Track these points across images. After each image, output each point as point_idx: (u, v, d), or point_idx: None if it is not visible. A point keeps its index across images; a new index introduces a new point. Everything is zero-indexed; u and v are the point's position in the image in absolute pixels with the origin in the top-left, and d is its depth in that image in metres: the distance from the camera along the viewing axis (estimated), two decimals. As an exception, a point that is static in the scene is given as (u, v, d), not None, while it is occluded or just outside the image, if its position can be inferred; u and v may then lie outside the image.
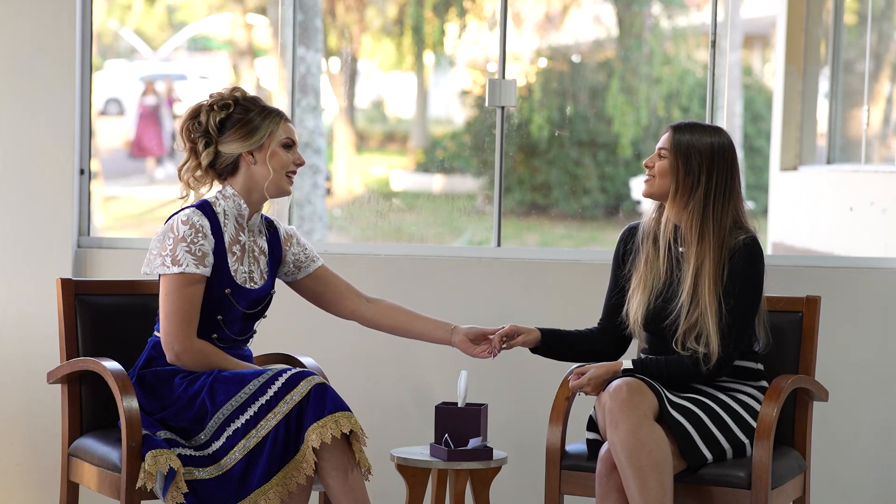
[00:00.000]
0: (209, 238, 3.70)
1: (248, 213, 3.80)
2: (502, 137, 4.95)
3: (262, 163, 3.77)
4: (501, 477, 4.23)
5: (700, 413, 3.73)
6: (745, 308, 3.78)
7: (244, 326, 3.81)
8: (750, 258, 3.79)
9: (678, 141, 3.86)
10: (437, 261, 4.94)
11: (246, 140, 3.76)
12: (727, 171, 3.84)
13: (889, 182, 7.67)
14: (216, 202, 3.77)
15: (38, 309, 4.80)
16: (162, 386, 3.69)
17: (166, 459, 3.51)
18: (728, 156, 3.85)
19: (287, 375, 3.58)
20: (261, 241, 3.86)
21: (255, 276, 3.80)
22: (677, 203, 3.85)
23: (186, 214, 3.70)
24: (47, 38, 4.83)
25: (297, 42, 5.12)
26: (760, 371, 3.90)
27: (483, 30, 12.27)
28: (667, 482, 3.60)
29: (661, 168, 3.87)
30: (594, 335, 4.03)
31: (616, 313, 3.98)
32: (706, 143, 3.84)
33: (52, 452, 4.72)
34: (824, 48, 9.65)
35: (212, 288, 3.71)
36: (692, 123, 3.91)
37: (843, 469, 4.84)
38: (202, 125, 3.77)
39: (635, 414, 3.62)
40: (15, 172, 4.84)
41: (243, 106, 3.79)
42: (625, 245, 4.00)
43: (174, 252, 3.66)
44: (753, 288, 3.80)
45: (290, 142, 3.81)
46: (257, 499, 3.52)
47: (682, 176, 3.84)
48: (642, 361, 3.80)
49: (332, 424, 3.52)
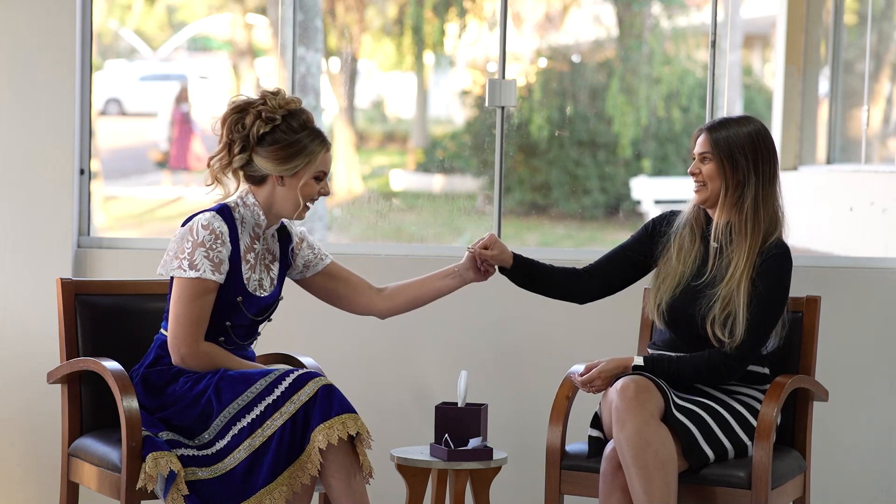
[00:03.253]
0: (227, 245, 3.66)
1: (266, 224, 3.77)
2: (502, 137, 4.95)
3: (288, 188, 3.70)
4: (501, 477, 4.23)
5: (703, 414, 3.73)
6: (770, 315, 3.77)
7: (250, 331, 3.80)
8: (782, 265, 3.77)
9: (717, 140, 3.82)
10: (437, 261, 4.93)
11: (281, 164, 3.67)
12: (769, 158, 3.82)
13: (889, 182, 7.67)
14: (236, 208, 3.72)
15: (38, 309, 4.80)
16: (166, 384, 3.68)
17: (167, 462, 3.51)
18: (768, 142, 3.83)
19: (294, 376, 3.57)
20: (273, 246, 3.83)
21: (265, 283, 3.78)
22: (728, 201, 3.82)
23: (207, 219, 3.65)
24: (47, 38, 4.83)
25: (297, 42, 5.12)
26: (766, 375, 3.90)
27: (483, 30, 12.27)
28: (671, 482, 3.59)
29: (708, 172, 3.82)
30: (574, 274, 4.00)
31: (614, 265, 3.97)
32: (744, 135, 3.81)
33: (52, 452, 4.72)
34: (824, 48, 9.65)
35: (224, 295, 3.68)
36: (723, 120, 3.86)
37: (843, 469, 4.84)
38: (245, 128, 3.68)
39: (642, 413, 3.61)
40: (15, 172, 4.84)
41: (289, 125, 3.68)
42: (658, 226, 3.96)
43: (192, 256, 3.62)
44: (781, 296, 3.78)
45: (323, 174, 3.73)
46: (262, 499, 3.51)
47: (731, 174, 3.81)
48: (654, 359, 3.79)
49: (338, 426, 3.51)
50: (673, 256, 3.88)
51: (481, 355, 4.87)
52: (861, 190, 8.22)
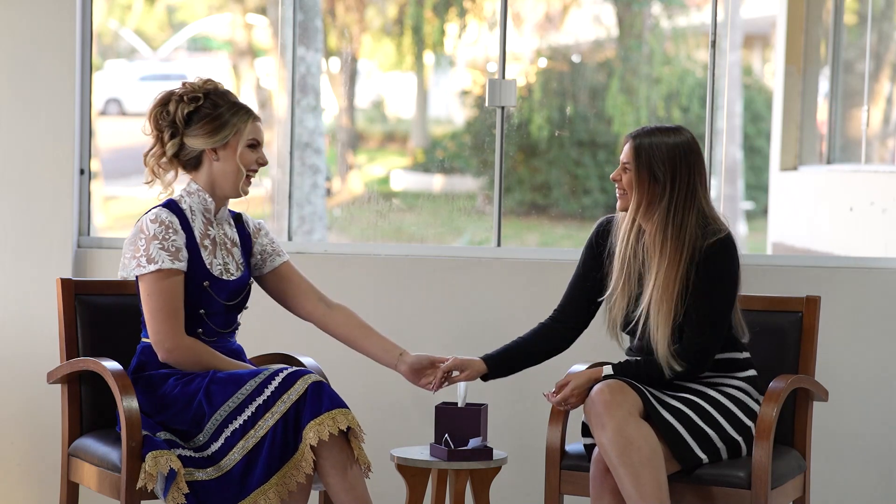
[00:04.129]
0: (180, 233, 3.71)
1: (215, 207, 3.81)
2: (502, 137, 4.95)
3: (224, 160, 3.77)
4: (501, 477, 4.23)
5: (690, 413, 3.72)
6: (718, 305, 3.75)
7: (227, 319, 3.81)
8: (720, 256, 3.74)
9: (638, 150, 3.79)
10: (437, 261, 4.94)
11: (211, 136, 3.75)
12: (689, 172, 3.78)
13: (889, 182, 7.68)
14: (181, 199, 3.78)
15: (38, 309, 4.80)
16: (156, 389, 3.69)
17: (167, 460, 3.51)
18: (690, 156, 3.78)
19: (284, 374, 3.58)
20: (231, 232, 3.87)
21: (230, 267, 3.81)
22: (643, 213, 3.81)
23: (154, 213, 3.71)
24: (47, 38, 4.83)
25: (297, 42, 5.12)
26: (747, 360, 3.88)
27: (483, 30, 12.27)
28: (660, 476, 3.59)
29: (628, 181, 3.82)
30: (546, 332, 3.99)
31: (578, 302, 3.96)
32: (666, 147, 3.77)
33: (52, 452, 4.72)
34: (824, 48, 9.65)
35: (190, 282, 3.72)
36: (651, 129, 3.82)
37: (843, 469, 4.84)
38: (170, 115, 3.77)
39: (619, 412, 3.62)
40: (15, 172, 4.84)
41: (213, 101, 3.77)
42: (599, 237, 3.95)
43: (148, 251, 3.67)
44: (728, 284, 3.76)
45: (256, 142, 3.80)
46: (257, 499, 3.52)
47: (648, 187, 3.79)
48: (621, 365, 3.79)
49: (329, 422, 3.52)
50: (617, 268, 3.86)
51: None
52: (861, 190, 8.22)
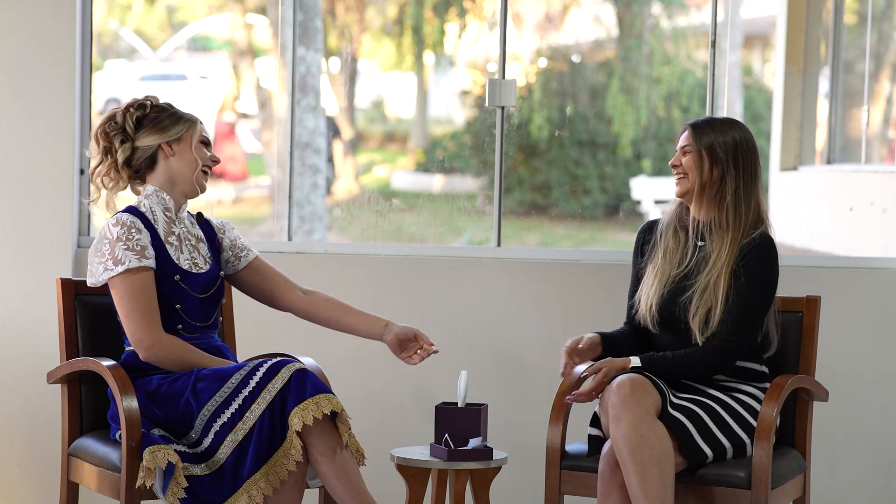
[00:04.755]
0: (144, 232, 3.74)
1: (175, 205, 3.84)
2: (502, 137, 4.95)
3: (180, 154, 3.82)
4: (501, 477, 4.23)
5: (700, 412, 3.73)
6: (756, 304, 3.79)
7: (204, 312, 3.83)
8: (765, 256, 3.80)
9: (700, 136, 3.86)
10: (437, 261, 4.94)
11: (164, 132, 3.81)
12: (751, 155, 3.86)
13: (889, 182, 7.68)
14: (140, 203, 3.82)
15: (38, 309, 4.80)
16: (144, 389, 3.70)
17: (164, 454, 3.52)
18: (751, 142, 3.87)
19: (268, 365, 3.61)
20: (194, 230, 3.90)
21: (199, 261, 3.84)
22: (705, 197, 3.86)
23: (115, 218, 3.75)
24: (47, 38, 4.83)
25: (297, 42, 5.12)
26: (764, 374, 3.90)
27: (483, 30, 12.28)
28: (668, 478, 3.60)
29: (688, 164, 3.87)
30: (630, 334, 4.00)
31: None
32: (727, 133, 3.86)
33: (52, 452, 4.72)
34: (824, 48, 9.66)
35: (161, 279, 3.74)
36: (709, 119, 3.92)
37: (843, 469, 4.84)
38: (118, 124, 3.82)
39: (638, 409, 3.62)
40: (15, 172, 4.84)
41: (158, 107, 3.86)
42: (643, 239, 4.01)
43: (113, 253, 3.69)
44: (767, 285, 3.80)
45: (207, 140, 3.88)
46: (249, 489, 3.54)
47: (709, 169, 3.85)
48: (650, 358, 3.80)
49: (312, 406, 3.54)
50: (660, 257, 3.90)
51: (481, 355, 4.87)
52: (861, 190, 8.22)
